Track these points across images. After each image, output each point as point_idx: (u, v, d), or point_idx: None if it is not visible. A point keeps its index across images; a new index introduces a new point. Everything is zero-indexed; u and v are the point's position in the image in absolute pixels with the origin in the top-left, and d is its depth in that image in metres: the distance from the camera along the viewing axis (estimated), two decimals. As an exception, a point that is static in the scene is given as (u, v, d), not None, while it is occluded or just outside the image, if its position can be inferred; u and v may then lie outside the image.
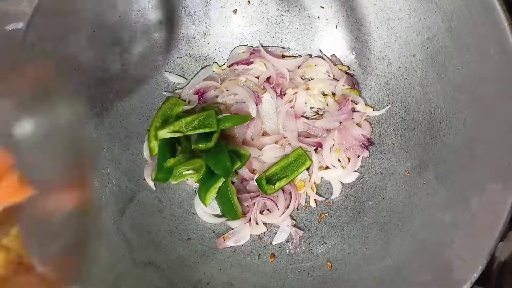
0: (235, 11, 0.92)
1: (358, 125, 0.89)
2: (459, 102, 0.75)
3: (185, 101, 0.91)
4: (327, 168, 0.90)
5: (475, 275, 0.64)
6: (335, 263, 0.82)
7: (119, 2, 0.82)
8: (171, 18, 0.89)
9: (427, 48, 0.79)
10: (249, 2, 0.91)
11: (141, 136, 0.89)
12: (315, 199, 0.89)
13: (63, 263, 0.71)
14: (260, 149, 0.90)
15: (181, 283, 0.80)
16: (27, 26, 0.73)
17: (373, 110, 0.89)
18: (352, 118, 0.89)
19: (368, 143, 0.88)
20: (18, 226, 0.70)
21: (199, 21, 0.91)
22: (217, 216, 0.89)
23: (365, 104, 0.89)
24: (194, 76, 0.93)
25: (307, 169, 0.89)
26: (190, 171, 0.86)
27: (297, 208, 0.89)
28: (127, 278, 0.76)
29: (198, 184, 0.88)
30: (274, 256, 0.85)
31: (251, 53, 0.93)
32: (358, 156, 0.88)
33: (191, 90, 0.92)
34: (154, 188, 0.88)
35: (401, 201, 0.81)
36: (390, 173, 0.85)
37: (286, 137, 0.90)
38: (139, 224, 0.84)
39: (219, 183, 0.85)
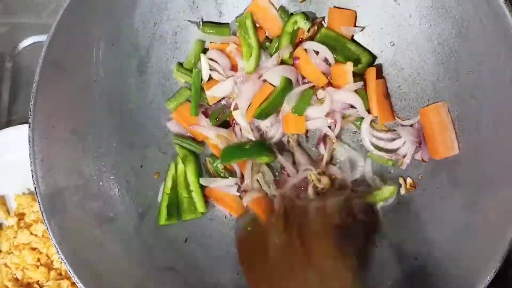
0: (248, 21, 0.93)
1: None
2: (471, 106, 0.75)
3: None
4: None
5: (488, 278, 0.64)
6: (350, 268, 0.82)
7: (136, 15, 0.85)
8: (185, 29, 0.91)
9: (438, 53, 0.79)
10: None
11: (159, 145, 0.91)
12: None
13: None
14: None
15: (200, 287, 0.82)
16: (50, 41, 0.75)
17: (386, 115, 0.89)
18: (365, 123, 0.90)
19: (382, 147, 0.89)
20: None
21: (214, 30, 0.93)
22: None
23: (377, 109, 0.90)
24: (210, 84, 0.95)
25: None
26: None
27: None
28: (148, 283, 0.78)
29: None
30: (289, 260, 0.86)
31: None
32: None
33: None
34: (172, 195, 0.90)
35: (414, 204, 0.82)
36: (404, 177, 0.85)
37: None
38: (158, 230, 0.86)
39: None
